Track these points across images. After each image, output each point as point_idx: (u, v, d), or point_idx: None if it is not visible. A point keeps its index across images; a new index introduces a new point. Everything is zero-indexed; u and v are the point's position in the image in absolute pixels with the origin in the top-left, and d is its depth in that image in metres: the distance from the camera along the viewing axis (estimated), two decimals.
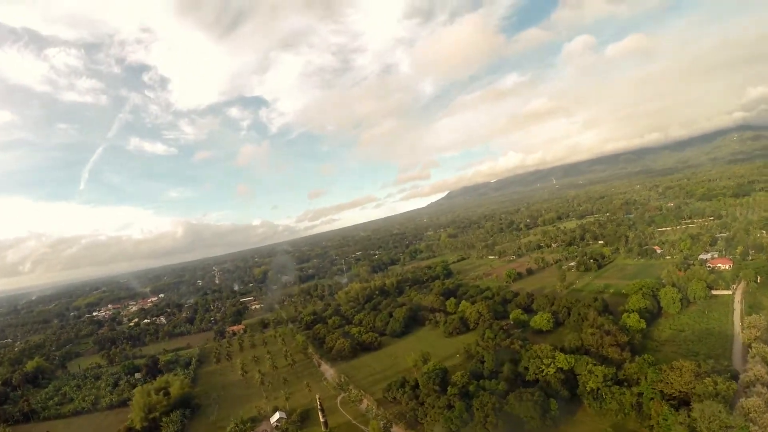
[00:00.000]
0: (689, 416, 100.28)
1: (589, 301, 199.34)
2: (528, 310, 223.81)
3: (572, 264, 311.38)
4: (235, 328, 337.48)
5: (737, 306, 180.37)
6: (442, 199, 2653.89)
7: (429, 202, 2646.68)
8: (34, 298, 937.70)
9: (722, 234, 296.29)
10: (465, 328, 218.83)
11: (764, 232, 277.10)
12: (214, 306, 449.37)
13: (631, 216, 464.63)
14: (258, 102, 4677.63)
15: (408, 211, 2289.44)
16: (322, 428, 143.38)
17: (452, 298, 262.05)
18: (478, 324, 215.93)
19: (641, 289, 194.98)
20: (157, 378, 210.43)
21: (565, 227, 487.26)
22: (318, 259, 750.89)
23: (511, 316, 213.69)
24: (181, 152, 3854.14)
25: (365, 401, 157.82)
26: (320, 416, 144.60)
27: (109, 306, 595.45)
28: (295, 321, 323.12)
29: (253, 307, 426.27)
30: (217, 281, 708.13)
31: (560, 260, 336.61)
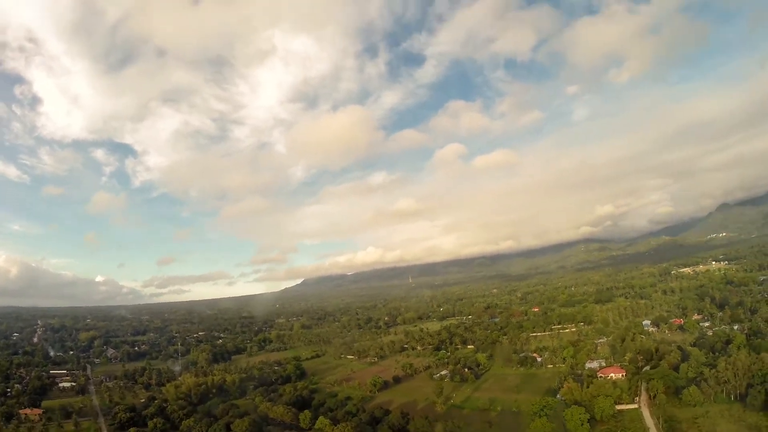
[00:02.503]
0: None
1: (482, 426, 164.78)
2: None
3: (445, 372, 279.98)
4: (30, 411, 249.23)
5: (650, 422, 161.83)
6: (297, 285, 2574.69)
7: (283, 287, 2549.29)
8: None
9: (601, 340, 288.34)
10: None
11: (643, 337, 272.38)
12: (17, 373, 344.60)
13: (497, 320, 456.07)
14: (126, 150, 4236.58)
15: (260, 294, 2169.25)
16: None
17: (307, 411, 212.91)
18: None
19: (543, 409, 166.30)
20: None
21: (428, 329, 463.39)
22: (155, 333, 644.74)
23: None
24: (34, 182, 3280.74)
25: None
26: None
27: None
28: (107, 415, 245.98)
29: (62, 384, 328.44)
30: (35, 339, 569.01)
31: (430, 367, 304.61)
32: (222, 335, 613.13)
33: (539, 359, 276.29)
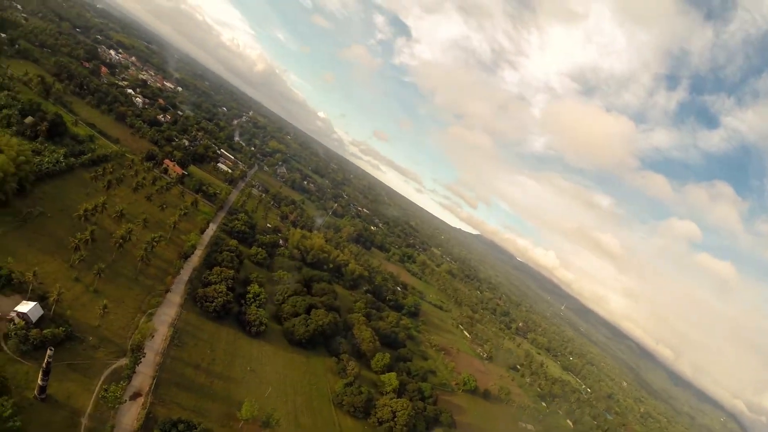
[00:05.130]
0: None
1: None
2: None
3: (531, 428, 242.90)
4: (173, 166, 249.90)
5: None
6: (471, 235, 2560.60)
7: (459, 227, 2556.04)
8: None
9: None
10: (364, 413, 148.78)
11: None
12: (195, 134, 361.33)
13: (610, 418, 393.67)
14: (404, 30, 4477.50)
15: (435, 217, 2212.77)
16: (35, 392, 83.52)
17: (387, 354, 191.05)
18: (381, 424, 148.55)
19: None
20: None
21: (548, 367, 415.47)
22: (330, 183, 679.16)
23: None
24: (313, 8, 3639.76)
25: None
26: (39, 377, 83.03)
27: (118, 51, 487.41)
28: (231, 214, 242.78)
29: (220, 166, 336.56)
30: (235, 121, 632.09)
31: (524, 409, 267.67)
32: (380, 226, 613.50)
33: None
